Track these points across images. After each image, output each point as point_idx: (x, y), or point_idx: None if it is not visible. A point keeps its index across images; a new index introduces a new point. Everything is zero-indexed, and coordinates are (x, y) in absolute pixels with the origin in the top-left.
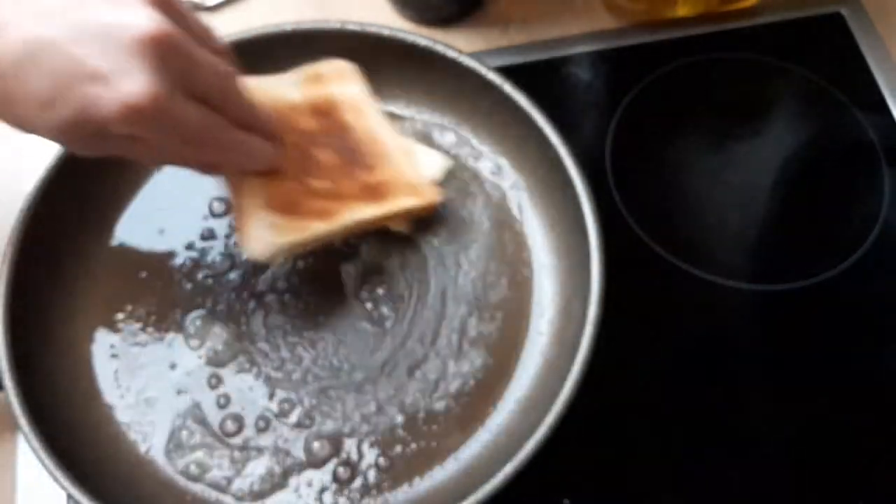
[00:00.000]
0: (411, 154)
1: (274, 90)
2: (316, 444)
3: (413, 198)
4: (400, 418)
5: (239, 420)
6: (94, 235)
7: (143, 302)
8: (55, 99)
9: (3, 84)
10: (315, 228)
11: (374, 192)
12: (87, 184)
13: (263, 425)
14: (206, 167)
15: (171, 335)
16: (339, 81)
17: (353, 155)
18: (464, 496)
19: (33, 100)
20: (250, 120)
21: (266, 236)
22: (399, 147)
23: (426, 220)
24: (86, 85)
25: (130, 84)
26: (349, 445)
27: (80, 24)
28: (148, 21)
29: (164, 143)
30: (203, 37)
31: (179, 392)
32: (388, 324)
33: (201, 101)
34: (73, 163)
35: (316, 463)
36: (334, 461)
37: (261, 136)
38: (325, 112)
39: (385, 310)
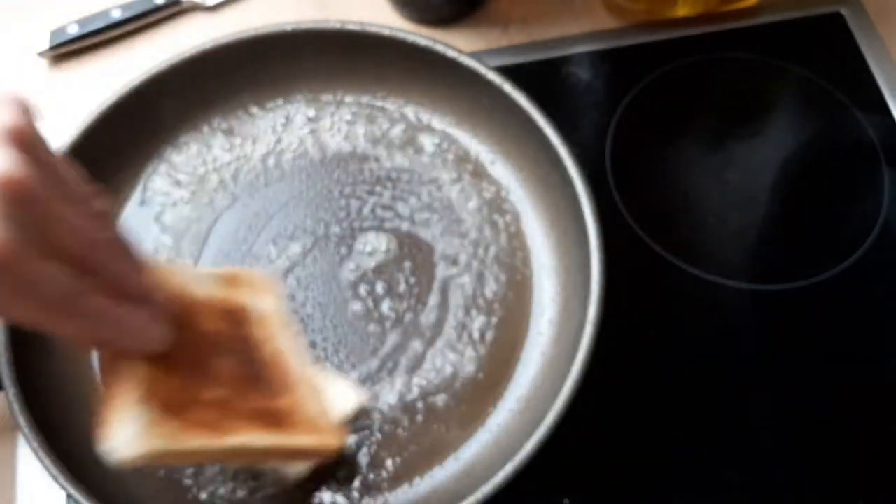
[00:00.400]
0: (319, 390)
1: (183, 277)
2: None
3: (314, 436)
4: (400, 418)
5: None
6: None
7: None
8: None
9: None
10: (195, 442)
11: (271, 418)
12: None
13: None
14: (82, 342)
15: None
16: (254, 292)
17: (256, 372)
18: (464, 496)
19: None
20: (132, 290)
21: (135, 436)
22: (306, 379)
23: (426, 221)
24: None
25: None
26: (349, 445)
27: None
28: (4, 165)
29: (19, 305)
30: (76, 192)
31: None
32: (387, 324)
33: (65, 263)
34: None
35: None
36: (335, 461)
37: (147, 312)
38: (233, 320)
39: (385, 309)
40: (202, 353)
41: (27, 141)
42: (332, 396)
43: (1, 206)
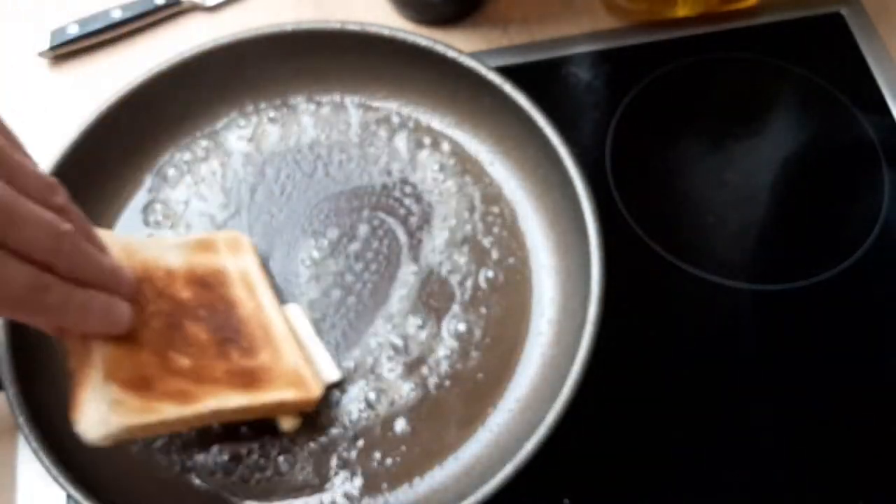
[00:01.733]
0: (300, 344)
1: (151, 251)
2: (317, 445)
3: (291, 390)
4: (400, 418)
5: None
6: None
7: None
8: None
9: None
10: (166, 412)
11: (246, 378)
12: (83, 188)
13: (264, 426)
14: (49, 329)
15: None
16: (232, 252)
17: (232, 334)
18: (464, 496)
19: None
20: (95, 277)
21: (104, 415)
22: (286, 333)
23: (427, 221)
24: None
25: None
26: (349, 445)
27: None
28: None
29: None
30: (34, 188)
31: None
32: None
33: (29, 260)
34: (69, 169)
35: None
36: (335, 461)
37: (109, 294)
38: (208, 284)
39: None
40: (173, 322)
41: None
42: (314, 359)
43: None
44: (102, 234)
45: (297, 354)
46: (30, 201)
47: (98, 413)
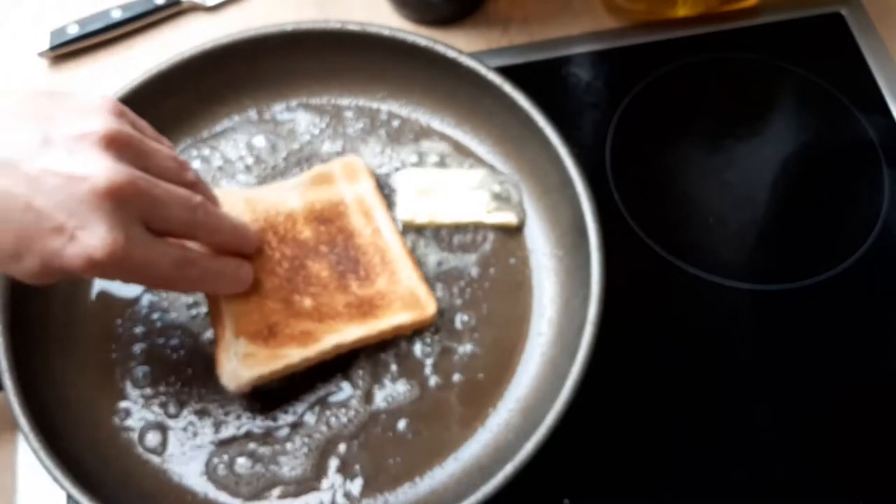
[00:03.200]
0: (414, 261)
1: (271, 199)
2: (316, 445)
3: (408, 312)
4: (400, 418)
5: (238, 418)
6: None
7: (142, 301)
8: (21, 252)
9: None
10: (291, 356)
11: (364, 307)
12: None
13: (264, 425)
14: (188, 291)
15: None
16: (349, 180)
17: (351, 265)
18: (464, 496)
19: (3, 251)
20: (227, 240)
21: (236, 369)
22: (402, 254)
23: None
24: (47, 239)
25: (90, 237)
26: (349, 444)
27: (38, 178)
28: (104, 171)
29: (138, 281)
30: (168, 169)
31: None
32: None
33: (171, 236)
34: None
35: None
36: (335, 461)
37: (239, 257)
38: (327, 218)
39: None
40: (300, 263)
41: (123, 139)
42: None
43: (113, 210)
44: (226, 193)
45: (412, 275)
46: (164, 182)
47: (231, 367)
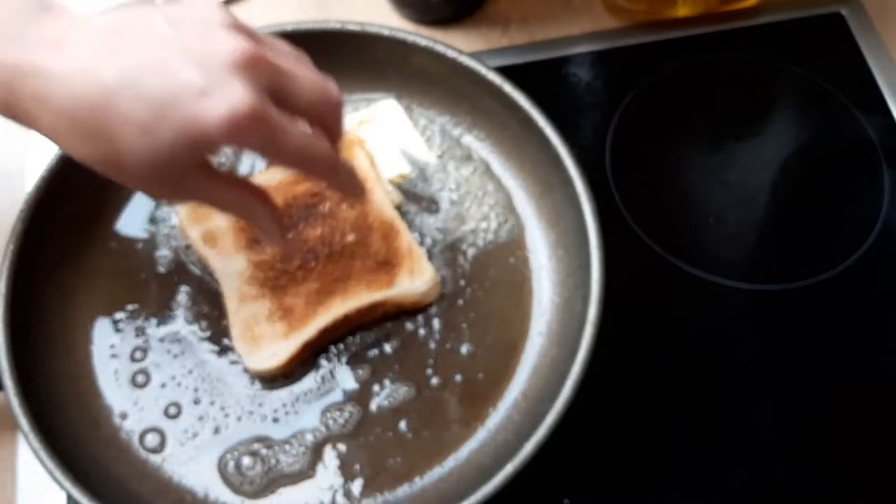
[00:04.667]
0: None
1: (271, 180)
2: (316, 445)
3: (412, 278)
4: (400, 418)
5: (238, 419)
6: (95, 235)
7: (143, 301)
8: (156, 122)
9: (100, 116)
10: (307, 334)
11: (382, 268)
12: (87, 184)
13: (264, 425)
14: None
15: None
16: (346, 152)
17: (363, 232)
18: (464, 496)
19: (133, 126)
20: (335, 125)
21: (270, 353)
22: (399, 224)
23: (427, 222)
24: (186, 102)
25: (231, 94)
26: (349, 445)
27: (174, 51)
28: (238, 43)
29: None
30: (288, 51)
31: None
32: (388, 325)
33: (296, 116)
34: (72, 164)
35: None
36: (335, 461)
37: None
38: (321, 193)
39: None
40: (301, 233)
41: (247, 29)
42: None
43: (250, 75)
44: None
45: (412, 245)
46: (291, 61)
47: (263, 354)
